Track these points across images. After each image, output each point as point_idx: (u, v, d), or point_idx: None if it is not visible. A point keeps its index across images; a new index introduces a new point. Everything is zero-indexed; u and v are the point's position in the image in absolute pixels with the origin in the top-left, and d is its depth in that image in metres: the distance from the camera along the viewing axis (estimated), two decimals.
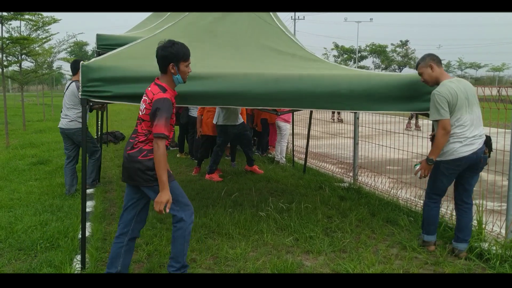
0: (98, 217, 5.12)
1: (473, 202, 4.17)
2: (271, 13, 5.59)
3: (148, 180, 3.23)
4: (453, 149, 3.89)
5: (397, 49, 59.96)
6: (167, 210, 3.15)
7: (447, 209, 5.01)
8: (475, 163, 3.93)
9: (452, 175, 4.01)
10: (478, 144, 3.90)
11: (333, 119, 16.17)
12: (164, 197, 3.12)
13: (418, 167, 4.14)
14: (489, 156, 4.01)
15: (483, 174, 6.91)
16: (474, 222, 4.35)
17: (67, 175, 6.14)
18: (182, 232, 3.34)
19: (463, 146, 3.87)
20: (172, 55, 3.19)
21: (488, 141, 3.99)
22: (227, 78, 3.90)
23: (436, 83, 4.02)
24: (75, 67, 6.11)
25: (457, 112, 3.87)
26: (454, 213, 4.38)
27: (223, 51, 4.90)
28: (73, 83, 5.98)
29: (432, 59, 4.03)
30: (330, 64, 5.20)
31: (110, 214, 5.32)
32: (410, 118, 15.06)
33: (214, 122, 7.24)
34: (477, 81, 59.53)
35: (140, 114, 3.28)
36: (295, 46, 5.35)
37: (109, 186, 6.73)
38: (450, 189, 4.20)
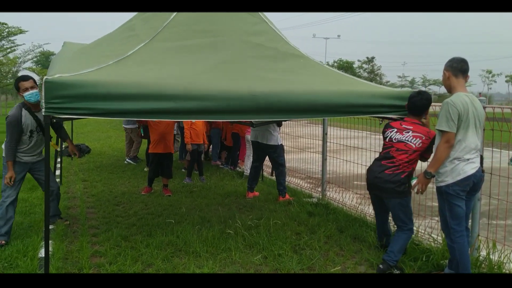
0: (60, 235, 4.94)
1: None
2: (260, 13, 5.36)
3: None
4: (459, 168, 3.69)
5: (364, 65, 61.41)
6: None
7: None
8: (478, 181, 3.77)
9: (464, 197, 3.76)
10: (478, 162, 3.77)
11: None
12: None
13: (414, 181, 3.94)
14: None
15: None
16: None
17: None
18: None
19: (467, 165, 3.70)
20: None
21: (481, 159, 3.86)
22: (203, 96, 3.74)
23: (449, 91, 3.88)
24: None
25: (463, 130, 3.69)
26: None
27: (200, 53, 4.55)
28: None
29: (450, 67, 3.84)
30: (312, 61, 5.01)
31: (73, 232, 5.14)
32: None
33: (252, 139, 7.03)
34: (440, 97, 61.61)
35: None
36: (278, 39, 5.10)
37: (73, 202, 6.52)
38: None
